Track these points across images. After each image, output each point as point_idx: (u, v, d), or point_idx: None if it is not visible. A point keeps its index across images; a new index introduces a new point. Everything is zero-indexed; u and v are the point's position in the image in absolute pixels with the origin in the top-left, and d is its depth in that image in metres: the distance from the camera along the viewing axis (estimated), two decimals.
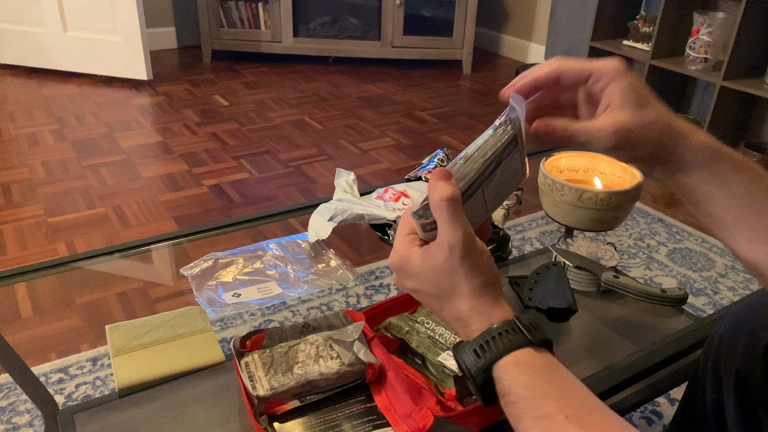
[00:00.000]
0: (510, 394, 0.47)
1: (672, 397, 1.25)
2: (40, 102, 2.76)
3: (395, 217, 0.88)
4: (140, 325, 0.87)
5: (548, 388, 0.46)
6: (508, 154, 0.52)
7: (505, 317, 0.49)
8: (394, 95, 3.07)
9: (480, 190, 0.52)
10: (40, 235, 1.77)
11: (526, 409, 0.45)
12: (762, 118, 2.44)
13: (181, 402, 0.77)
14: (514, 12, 3.65)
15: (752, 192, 0.52)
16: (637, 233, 1.89)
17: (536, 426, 0.44)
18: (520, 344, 0.48)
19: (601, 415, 0.45)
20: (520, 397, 0.46)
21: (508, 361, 0.47)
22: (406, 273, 0.53)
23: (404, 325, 0.80)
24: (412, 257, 0.52)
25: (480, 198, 0.53)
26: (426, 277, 0.51)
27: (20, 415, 1.18)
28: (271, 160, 2.33)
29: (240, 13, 3.31)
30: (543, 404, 0.45)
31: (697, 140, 0.52)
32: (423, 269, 0.51)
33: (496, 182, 0.53)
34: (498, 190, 0.55)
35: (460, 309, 0.51)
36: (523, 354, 0.48)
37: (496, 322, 0.49)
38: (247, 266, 0.92)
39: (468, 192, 0.51)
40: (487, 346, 0.48)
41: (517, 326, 0.49)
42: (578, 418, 0.44)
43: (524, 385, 0.46)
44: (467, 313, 0.50)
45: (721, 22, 2.34)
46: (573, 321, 0.93)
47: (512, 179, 0.56)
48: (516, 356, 0.47)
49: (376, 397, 0.75)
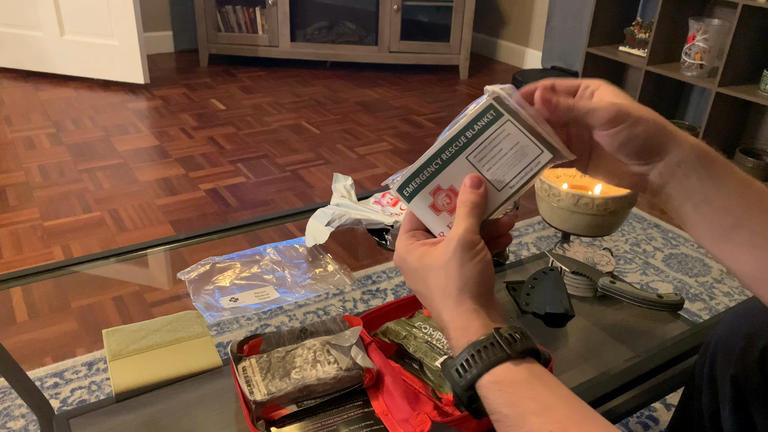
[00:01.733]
0: (494, 412, 0.47)
1: (668, 402, 1.25)
2: (36, 105, 2.76)
3: (392, 221, 0.89)
4: (137, 329, 0.86)
5: (529, 404, 0.45)
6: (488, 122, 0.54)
7: (484, 331, 0.49)
8: (391, 100, 3.08)
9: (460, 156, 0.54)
10: (36, 239, 1.76)
11: (511, 426, 0.45)
12: (757, 124, 2.46)
13: (177, 407, 0.76)
14: (510, 17, 3.67)
15: (748, 193, 0.52)
16: (634, 239, 1.89)
17: None
18: (498, 360, 0.47)
19: (587, 425, 0.44)
20: (504, 416, 0.46)
21: (488, 380, 0.47)
22: (404, 270, 0.54)
23: (401, 330, 0.80)
24: (409, 254, 0.53)
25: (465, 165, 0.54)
26: (419, 274, 0.53)
27: (15, 420, 1.17)
28: (268, 164, 2.33)
29: (237, 17, 3.32)
30: (526, 422, 0.45)
31: (688, 141, 0.53)
32: (418, 264, 0.52)
33: (486, 151, 0.54)
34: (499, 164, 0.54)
35: (442, 318, 0.51)
36: (502, 371, 0.47)
37: (474, 337, 0.48)
38: (245, 271, 0.92)
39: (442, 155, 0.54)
40: (467, 365, 0.48)
41: (496, 340, 0.48)
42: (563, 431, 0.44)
43: (505, 403, 0.46)
44: (447, 324, 0.51)
45: (717, 28, 2.35)
46: (570, 326, 0.93)
47: (519, 155, 0.54)
48: (494, 374, 0.47)
49: (374, 402, 0.75)
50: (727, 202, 0.52)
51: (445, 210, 0.55)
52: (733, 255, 0.53)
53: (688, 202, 0.53)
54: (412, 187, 0.54)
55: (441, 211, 0.55)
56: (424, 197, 0.54)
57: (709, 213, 0.53)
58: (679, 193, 0.53)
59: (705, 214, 0.53)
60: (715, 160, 0.53)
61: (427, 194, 0.54)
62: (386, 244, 0.90)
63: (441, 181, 0.54)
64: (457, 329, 0.50)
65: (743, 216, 0.52)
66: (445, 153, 0.54)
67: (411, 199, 0.55)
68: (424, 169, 0.54)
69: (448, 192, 0.54)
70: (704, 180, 0.52)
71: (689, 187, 0.53)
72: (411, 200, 0.55)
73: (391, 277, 1.64)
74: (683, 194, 0.53)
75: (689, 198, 0.53)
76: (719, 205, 0.52)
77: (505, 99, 0.54)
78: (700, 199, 0.52)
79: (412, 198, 0.54)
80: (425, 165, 0.54)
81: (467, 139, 0.54)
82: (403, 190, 0.55)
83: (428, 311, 0.54)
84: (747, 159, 2.30)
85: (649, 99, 2.63)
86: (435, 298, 0.52)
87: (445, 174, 0.54)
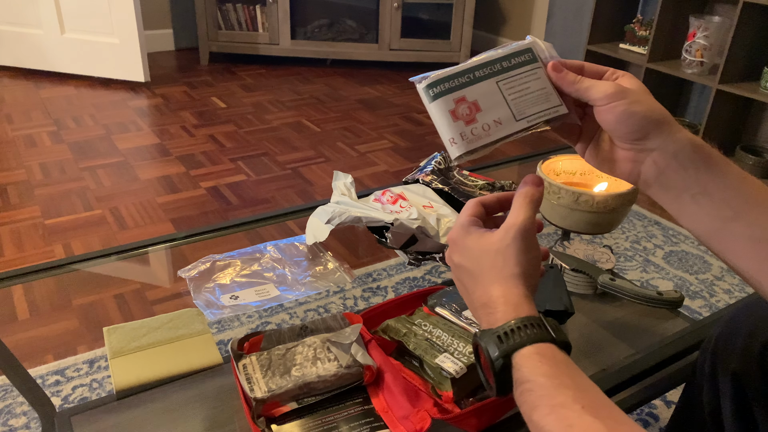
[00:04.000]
0: (528, 381, 0.48)
1: (669, 399, 1.25)
2: (37, 103, 2.76)
3: (392, 219, 0.89)
4: (138, 327, 0.87)
5: (566, 379, 0.47)
6: (524, 61, 0.58)
7: (533, 313, 0.51)
8: (391, 98, 3.07)
9: (492, 78, 0.58)
10: (37, 237, 1.77)
11: (543, 396, 0.46)
12: (758, 121, 2.46)
13: (178, 404, 0.77)
14: (511, 15, 3.66)
15: (745, 186, 0.52)
16: (634, 236, 1.89)
17: (552, 414, 0.45)
18: (544, 339, 0.49)
19: (614, 412, 0.45)
20: (538, 385, 0.47)
21: (530, 351, 0.49)
22: (458, 246, 0.57)
23: (402, 328, 0.80)
24: (470, 234, 0.56)
25: (494, 87, 0.57)
26: (473, 253, 0.55)
27: (17, 417, 1.18)
28: (269, 162, 2.33)
29: (238, 15, 3.32)
30: (560, 393, 0.46)
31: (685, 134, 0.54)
32: (474, 245, 0.55)
33: (515, 83, 0.58)
34: (524, 98, 0.58)
35: (491, 293, 0.53)
36: (545, 347, 0.49)
37: (522, 315, 0.51)
38: (245, 268, 0.92)
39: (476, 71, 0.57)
40: (511, 334, 0.50)
41: (543, 324, 0.50)
42: (594, 409, 0.44)
43: (544, 373, 0.47)
44: (496, 299, 0.52)
45: (717, 25, 2.35)
46: (569, 324, 0.93)
47: (542, 98, 0.58)
48: (538, 347, 0.49)
49: (374, 399, 0.75)
50: (726, 195, 0.52)
51: (462, 120, 0.57)
52: (732, 247, 0.53)
53: (686, 193, 0.54)
54: (439, 89, 0.57)
55: (458, 119, 0.57)
56: (446, 101, 0.57)
57: (708, 205, 0.53)
58: (677, 184, 0.54)
59: (703, 206, 0.53)
60: (712, 154, 0.53)
61: (451, 100, 0.57)
62: (386, 241, 0.90)
63: (468, 93, 0.57)
64: (507, 304, 0.52)
65: (742, 209, 0.52)
66: (479, 71, 0.57)
67: (434, 99, 0.57)
68: (456, 78, 0.57)
69: (471, 105, 0.57)
70: (702, 172, 0.53)
71: (687, 179, 0.53)
72: (434, 100, 0.57)
73: (391, 275, 1.65)
74: (681, 185, 0.54)
75: (687, 189, 0.53)
76: (718, 198, 0.52)
77: (542, 52, 0.60)
78: (698, 190, 0.53)
79: (436, 98, 0.57)
80: (458, 74, 0.57)
81: (502, 68, 0.58)
82: (431, 89, 0.57)
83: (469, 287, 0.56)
84: (748, 156, 2.30)
85: None
86: (487, 275, 0.54)
87: (474, 88, 0.57)
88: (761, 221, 0.51)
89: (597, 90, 0.54)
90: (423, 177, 1.07)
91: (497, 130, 0.57)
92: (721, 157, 0.53)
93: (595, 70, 0.59)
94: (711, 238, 0.54)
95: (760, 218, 0.51)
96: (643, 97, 0.54)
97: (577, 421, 0.44)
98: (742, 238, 0.52)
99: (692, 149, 0.53)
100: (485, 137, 0.57)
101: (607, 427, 0.43)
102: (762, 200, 0.52)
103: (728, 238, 0.53)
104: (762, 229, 0.51)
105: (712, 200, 0.53)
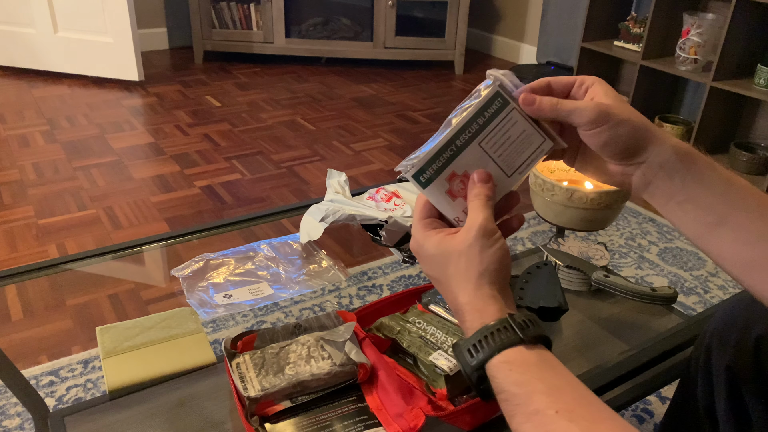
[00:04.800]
0: (502, 391, 0.48)
1: (663, 395, 1.26)
2: (30, 103, 2.75)
3: (386, 217, 0.89)
4: (131, 326, 0.86)
5: (538, 384, 0.46)
6: (497, 110, 0.55)
7: (499, 315, 0.50)
8: (386, 96, 3.07)
9: (473, 142, 0.55)
10: (30, 237, 1.76)
11: (518, 405, 0.46)
12: (752, 118, 2.46)
13: (172, 404, 0.76)
14: (505, 13, 3.66)
15: (730, 190, 0.53)
16: (629, 233, 1.90)
17: (528, 422, 0.45)
18: (512, 343, 0.49)
19: (593, 408, 0.45)
20: (512, 395, 0.47)
21: (499, 360, 0.48)
22: (421, 257, 0.56)
23: (396, 325, 0.80)
24: (427, 240, 0.54)
25: (478, 151, 0.55)
26: (436, 260, 0.54)
27: (10, 418, 1.17)
28: (264, 161, 2.32)
29: (232, 13, 3.31)
30: (533, 401, 0.46)
31: (669, 142, 0.54)
32: (435, 250, 0.54)
33: (496, 137, 0.55)
34: (508, 150, 0.56)
35: (458, 300, 0.52)
36: (514, 353, 0.48)
37: (489, 320, 0.50)
38: (239, 267, 0.92)
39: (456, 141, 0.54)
40: (480, 346, 0.49)
41: (510, 325, 0.49)
42: (568, 412, 0.44)
43: (514, 382, 0.47)
44: (463, 307, 0.52)
45: (711, 23, 2.35)
46: (564, 320, 0.93)
47: (526, 143, 0.56)
48: (506, 355, 0.48)
49: (368, 397, 0.75)
50: (710, 200, 0.53)
51: (460, 196, 0.55)
52: (719, 250, 0.54)
53: (672, 200, 0.55)
54: (429, 174, 0.55)
55: (457, 196, 0.55)
56: (440, 183, 0.55)
57: (693, 211, 0.54)
58: (663, 192, 0.55)
59: (689, 212, 0.54)
60: (697, 159, 0.54)
61: (443, 180, 0.55)
62: (380, 239, 0.90)
63: (456, 167, 0.55)
64: (473, 311, 0.51)
65: (727, 213, 0.53)
66: (459, 140, 0.55)
67: (427, 185, 0.55)
68: (440, 156, 0.55)
69: (463, 177, 0.55)
70: (687, 180, 0.54)
71: (672, 187, 0.54)
72: (426, 186, 0.55)
73: (386, 273, 1.64)
74: (667, 194, 0.55)
75: (673, 197, 0.54)
76: (703, 203, 0.53)
77: (507, 86, 0.56)
78: (684, 198, 0.54)
79: (428, 184, 0.55)
80: (440, 152, 0.55)
81: (479, 126, 0.55)
82: (420, 176, 0.55)
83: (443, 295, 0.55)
84: (741, 153, 2.30)
85: (643, 94, 2.63)
86: (453, 282, 0.53)
87: (459, 160, 0.55)
88: (746, 225, 0.52)
89: (579, 116, 0.53)
90: None
91: (496, 192, 0.56)
92: (706, 161, 0.54)
93: (563, 84, 0.58)
94: (699, 241, 0.55)
95: (746, 222, 0.52)
96: (625, 114, 0.53)
97: (552, 426, 0.44)
98: (728, 242, 0.53)
99: (677, 158, 0.53)
100: None
101: (581, 428, 0.43)
102: (748, 204, 0.52)
103: (715, 242, 0.54)
104: (747, 232, 0.52)
105: (697, 206, 0.54)
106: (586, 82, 0.57)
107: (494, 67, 0.59)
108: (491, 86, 0.56)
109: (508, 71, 0.57)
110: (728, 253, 0.53)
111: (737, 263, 0.53)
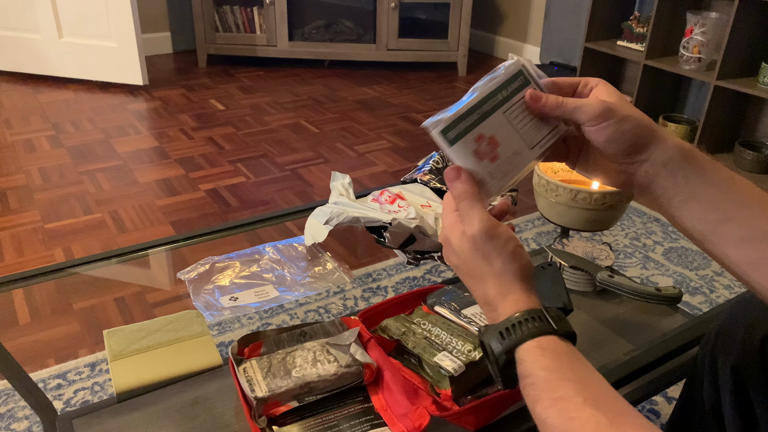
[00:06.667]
0: (530, 375, 0.48)
1: (669, 395, 1.25)
2: (35, 108, 2.76)
3: (390, 219, 0.89)
4: (138, 329, 0.87)
5: (567, 372, 0.47)
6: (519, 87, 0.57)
7: (533, 306, 0.51)
8: (389, 98, 3.08)
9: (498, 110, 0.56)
10: (37, 242, 1.77)
11: (545, 390, 0.47)
12: (756, 116, 2.46)
13: (179, 406, 0.77)
14: (508, 14, 3.67)
15: (734, 188, 0.53)
16: (633, 233, 1.89)
17: (553, 407, 0.46)
18: (545, 331, 0.49)
19: (618, 403, 0.46)
20: (540, 379, 0.47)
21: (532, 345, 0.49)
22: (448, 248, 0.56)
23: (401, 327, 0.80)
24: (454, 233, 0.55)
25: (503, 119, 0.56)
26: (462, 255, 0.55)
27: (19, 421, 1.18)
28: (268, 163, 2.33)
29: (235, 17, 3.32)
30: (561, 386, 0.46)
31: (672, 141, 0.55)
32: (459, 248, 0.54)
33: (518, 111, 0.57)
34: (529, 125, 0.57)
35: (488, 292, 0.53)
36: (547, 340, 0.49)
37: (523, 309, 0.51)
38: (244, 270, 0.93)
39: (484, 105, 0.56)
40: (513, 330, 0.50)
41: (544, 315, 0.51)
42: (595, 401, 0.45)
43: (545, 367, 0.48)
44: (494, 297, 0.53)
45: (715, 21, 2.35)
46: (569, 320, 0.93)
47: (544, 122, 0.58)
48: (540, 341, 0.49)
49: (373, 397, 0.75)
50: (714, 197, 0.54)
51: (488, 158, 0.56)
52: (721, 248, 0.54)
53: (675, 198, 0.55)
54: (456, 132, 0.55)
55: (483, 158, 0.56)
56: (467, 143, 0.55)
57: (696, 209, 0.54)
58: (666, 191, 0.55)
59: (693, 210, 0.54)
60: (700, 158, 0.55)
61: (471, 140, 0.55)
62: (385, 241, 0.90)
63: (483, 129, 0.56)
64: (507, 300, 0.52)
65: (729, 211, 0.53)
66: (486, 105, 0.56)
67: (454, 143, 0.55)
68: (468, 116, 0.55)
69: (490, 140, 0.56)
70: (690, 178, 0.54)
71: (676, 185, 0.55)
72: (453, 144, 0.55)
73: (391, 275, 1.65)
74: (670, 192, 0.55)
75: (676, 195, 0.55)
76: (706, 202, 0.54)
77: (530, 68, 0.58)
78: (687, 196, 0.54)
79: (455, 142, 0.55)
80: (468, 112, 0.55)
81: (503, 98, 0.57)
82: (447, 133, 0.55)
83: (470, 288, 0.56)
84: (746, 152, 2.30)
85: (647, 93, 2.63)
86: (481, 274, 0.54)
87: (486, 124, 0.56)
88: (749, 222, 0.52)
89: (583, 112, 0.54)
90: (421, 176, 1.07)
91: (519, 162, 0.57)
92: (709, 160, 0.55)
93: (568, 84, 0.59)
94: (702, 240, 0.55)
95: (748, 220, 0.52)
96: (628, 111, 0.54)
97: (578, 413, 0.44)
98: (731, 240, 0.53)
99: (681, 156, 0.54)
100: (512, 172, 0.57)
101: (608, 418, 0.43)
102: (750, 202, 0.53)
103: (718, 240, 0.54)
104: (750, 230, 0.52)
105: (700, 204, 0.54)
106: (591, 83, 0.58)
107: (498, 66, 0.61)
108: (513, 63, 0.58)
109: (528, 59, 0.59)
110: (732, 251, 0.53)
111: (742, 261, 0.53)
